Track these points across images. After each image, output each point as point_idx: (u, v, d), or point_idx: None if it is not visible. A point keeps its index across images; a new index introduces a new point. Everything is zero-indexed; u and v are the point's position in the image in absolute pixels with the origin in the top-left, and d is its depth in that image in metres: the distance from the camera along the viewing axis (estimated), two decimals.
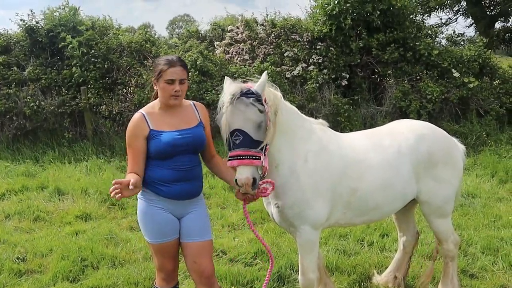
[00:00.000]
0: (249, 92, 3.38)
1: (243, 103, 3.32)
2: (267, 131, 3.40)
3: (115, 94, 11.14)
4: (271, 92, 3.58)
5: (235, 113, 3.32)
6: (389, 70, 11.93)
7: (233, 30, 12.98)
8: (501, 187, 8.10)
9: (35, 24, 11.53)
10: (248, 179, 3.28)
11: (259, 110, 3.34)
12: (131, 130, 3.60)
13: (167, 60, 3.57)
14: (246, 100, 3.33)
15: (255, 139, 3.31)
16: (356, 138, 4.17)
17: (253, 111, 3.32)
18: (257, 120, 3.33)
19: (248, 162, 3.29)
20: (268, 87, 3.60)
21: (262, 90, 3.42)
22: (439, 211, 4.27)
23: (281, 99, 3.69)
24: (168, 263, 3.76)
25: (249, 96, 3.35)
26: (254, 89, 3.40)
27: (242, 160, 3.29)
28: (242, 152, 3.29)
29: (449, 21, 27.67)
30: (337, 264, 5.34)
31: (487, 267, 5.26)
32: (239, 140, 3.29)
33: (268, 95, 3.51)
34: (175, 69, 3.53)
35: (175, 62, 3.56)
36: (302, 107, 10.65)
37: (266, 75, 3.49)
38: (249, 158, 3.29)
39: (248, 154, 3.29)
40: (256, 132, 3.32)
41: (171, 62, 3.55)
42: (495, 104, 11.86)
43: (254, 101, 3.34)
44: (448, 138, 4.36)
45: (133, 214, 7.03)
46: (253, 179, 3.30)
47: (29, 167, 9.47)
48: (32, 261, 5.63)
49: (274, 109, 3.56)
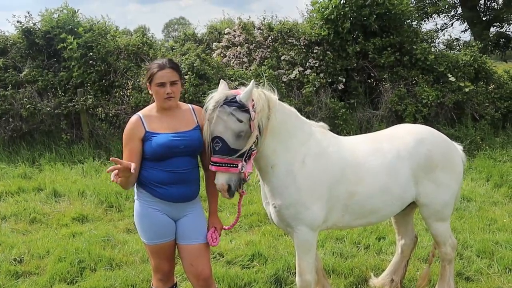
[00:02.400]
0: (233, 100, 3.43)
1: (225, 112, 3.39)
2: (249, 138, 3.46)
3: (112, 96, 11.17)
4: (261, 97, 3.59)
5: (216, 120, 3.39)
6: (385, 74, 12.00)
7: (230, 33, 13.02)
8: (496, 191, 8.14)
9: (32, 26, 11.54)
10: (223, 185, 3.44)
11: (239, 119, 3.40)
12: (127, 131, 3.64)
13: (157, 64, 3.62)
14: (228, 109, 3.39)
15: (233, 147, 3.39)
16: (356, 142, 4.20)
17: (232, 121, 3.39)
18: (237, 129, 3.39)
19: (224, 169, 3.42)
20: (263, 91, 3.63)
21: (246, 99, 3.44)
22: (438, 214, 4.29)
23: (276, 102, 3.71)
24: (164, 264, 3.77)
25: (231, 104, 3.41)
26: (239, 97, 3.44)
27: (219, 167, 3.42)
28: (220, 160, 3.40)
29: (445, 26, 27.80)
30: (333, 266, 5.36)
31: (482, 270, 5.28)
32: (218, 147, 3.40)
33: (257, 101, 3.53)
34: (164, 71, 3.56)
35: (165, 64, 3.60)
36: (298, 110, 10.42)
37: (253, 83, 3.50)
38: (226, 166, 3.41)
39: (225, 162, 3.40)
40: (235, 140, 3.40)
41: (161, 65, 3.59)
42: (490, 108, 11.94)
43: (235, 111, 3.39)
44: (448, 142, 4.39)
45: (130, 216, 7.03)
46: (229, 185, 3.44)
47: (26, 169, 9.46)
48: (29, 263, 5.63)
49: (266, 114, 3.59)
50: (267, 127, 3.60)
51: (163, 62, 3.62)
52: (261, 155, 3.68)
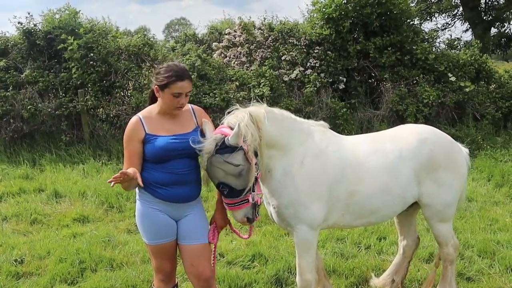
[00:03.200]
0: (223, 147, 3.44)
1: (219, 162, 3.45)
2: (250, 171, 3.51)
3: (113, 97, 11.16)
4: (249, 126, 3.55)
5: (214, 169, 3.48)
6: (386, 74, 11.99)
7: (231, 33, 13.02)
8: (497, 191, 8.13)
9: (33, 27, 11.53)
10: (242, 219, 3.62)
11: (235, 164, 3.44)
12: (128, 133, 3.64)
13: (175, 72, 3.53)
14: (220, 158, 3.43)
15: (240, 188, 3.50)
16: (358, 142, 4.19)
17: (229, 168, 3.45)
18: (235, 172, 3.45)
19: (237, 208, 3.58)
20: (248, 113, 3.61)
21: (236, 141, 3.44)
22: (440, 215, 4.28)
23: (264, 116, 3.67)
24: (165, 265, 3.77)
25: (223, 151, 3.44)
26: (228, 141, 3.43)
27: (233, 207, 3.58)
28: (231, 201, 3.56)
29: (446, 25, 27.79)
30: (334, 267, 5.36)
31: (483, 270, 5.28)
32: (226, 191, 3.53)
33: (246, 133, 3.51)
34: (183, 83, 3.53)
35: (184, 75, 3.54)
36: (299, 110, 10.69)
37: (238, 127, 3.44)
38: (238, 204, 3.56)
39: (236, 202, 3.55)
40: (238, 181, 3.48)
41: (181, 75, 3.52)
42: (491, 108, 11.94)
43: (228, 157, 3.43)
44: (451, 142, 4.38)
45: (130, 217, 7.03)
46: (247, 218, 3.61)
47: (27, 169, 9.46)
48: (30, 264, 5.63)
49: (256, 140, 3.58)
50: (261, 146, 3.63)
51: (181, 72, 3.55)
52: (259, 162, 3.68)
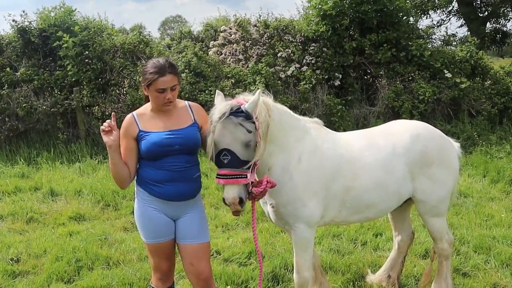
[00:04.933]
0: (239, 110, 3.35)
1: (232, 123, 3.30)
2: (256, 148, 3.40)
3: (108, 95, 11.14)
4: (263, 107, 3.53)
5: (224, 132, 3.30)
6: (381, 71, 12.00)
7: (226, 30, 13.00)
8: (493, 187, 8.16)
9: (27, 25, 11.50)
10: (234, 198, 3.31)
11: (248, 130, 3.33)
12: (121, 129, 3.63)
13: (156, 68, 3.47)
14: (235, 120, 3.31)
15: (243, 159, 3.31)
16: (352, 138, 4.18)
17: (242, 132, 3.31)
18: (245, 140, 3.32)
19: (234, 181, 3.30)
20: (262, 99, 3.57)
21: (253, 109, 3.39)
22: (434, 210, 4.29)
23: (273, 107, 3.66)
24: (163, 263, 3.76)
25: (238, 115, 3.33)
26: (245, 107, 3.37)
27: (228, 179, 3.30)
28: (229, 172, 3.29)
29: (441, 22, 27.80)
30: (331, 263, 5.37)
31: (479, 266, 5.29)
32: (227, 159, 3.29)
33: (260, 111, 3.47)
34: (165, 78, 3.45)
35: (165, 69, 3.46)
36: (295, 107, 10.69)
37: (260, 93, 3.43)
38: (236, 177, 3.30)
39: (235, 174, 3.30)
40: (244, 151, 3.32)
41: (161, 70, 3.46)
42: (486, 104, 11.97)
43: (243, 121, 3.32)
44: (444, 138, 4.38)
45: (127, 215, 7.04)
46: (240, 198, 3.32)
47: (23, 168, 9.44)
48: (26, 262, 5.62)
49: (266, 123, 3.54)
50: (266, 134, 3.57)
51: (162, 66, 3.47)
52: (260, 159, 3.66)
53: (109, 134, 3.50)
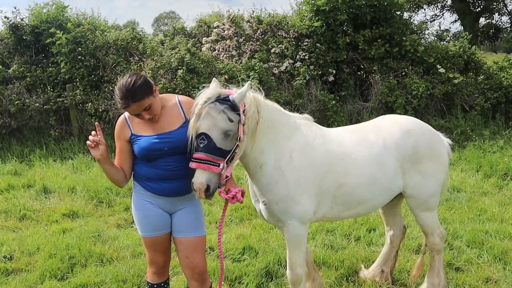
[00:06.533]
0: (226, 99, 3.36)
1: (215, 109, 3.30)
2: (239, 141, 3.39)
3: (101, 91, 11.09)
4: (253, 102, 3.52)
5: (206, 117, 3.30)
6: (375, 66, 12.03)
7: (219, 26, 12.98)
8: (486, 181, 8.20)
9: (19, 22, 11.44)
10: (201, 184, 3.28)
11: (230, 118, 3.32)
12: (116, 131, 3.67)
13: (121, 99, 3.41)
14: (219, 106, 3.30)
15: (219, 146, 3.29)
16: (342, 134, 4.18)
17: (223, 118, 3.30)
18: (225, 128, 3.30)
19: (205, 167, 3.27)
20: (253, 94, 3.57)
21: (240, 99, 3.38)
22: (424, 204, 4.31)
23: (263, 103, 3.65)
24: (159, 257, 3.77)
25: (223, 102, 3.33)
26: (232, 97, 3.37)
27: (200, 163, 3.28)
28: (203, 156, 3.27)
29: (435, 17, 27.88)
30: (324, 259, 5.38)
31: (472, 260, 5.32)
32: (203, 144, 3.28)
33: (249, 106, 3.46)
34: (131, 108, 3.42)
35: (128, 101, 3.39)
36: (289, 103, 10.70)
37: (249, 85, 3.44)
38: (208, 163, 3.27)
39: (208, 159, 3.27)
40: (222, 139, 3.31)
41: (125, 102, 3.40)
42: (479, 99, 12.01)
43: (227, 109, 3.32)
44: (434, 133, 4.40)
45: (120, 212, 7.03)
46: (207, 186, 3.29)
47: (16, 165, 9.40)
48: (20, 260, 5.60)
49: (256, 119, 3.54)
50: (255, 131, 3.56)
51: (125, 97, 3.38)
52: (249, 157, 3.64)
53: (95, 149, 3.48)
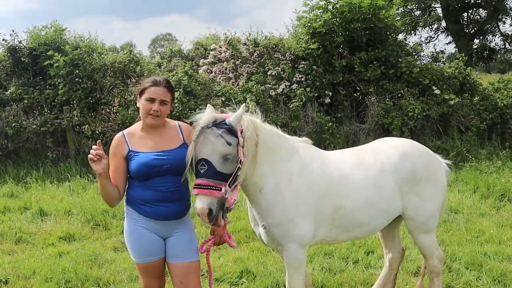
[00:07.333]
0: (223, 123, 3.39)
1: (213, 134, 3.33)
2: (240, 164, 3.39)
3: (98, 113, 11.11)
4: (250, 124, 3.54)
5: (204, 142, 3.32)
6: (370, 88, 12.10)
7: (216, 48, 13.07)
8: (483, 202, 8.19)
9: (17, 44, 11.51)
10: (203, 209, 3.28)
11: (228, 142, 3.34)
12: (111, 148, 3.65)
13: (153, 79, 3.62)
14: (217, 131, 3.33)
15: (219, 170, 3.31)
16: (340, 156, 4.20)
17: (221, 143, 3.31)
18: (224, 152, 3.32)
19: (207, 192, 3.28)
20: (250, 117, 3.60)
21: (236, 122, 3.41)
22: (423, 227, 4.30)
23: (260, 126, 3.67)
24: (153, 283, 3.73)
25: (220, 127, 3.36)
26: (229, 120, 3.40)
27: (201, 189, 3.29)
28: (204, 182, 3.29)
29: (430, 38, 28.15)
30: (323, 282, 5.34)
31: (471, 283, 5.29)
32: (204, 170, 3.30)
33: (246, 127, 3.49)
34: (157, 88, 3.56)
35: (160, 82, 3.60)
36: (285, 125, 10.73)
37: (244, 107, 3.46)
38: (210, 188, 3.28)
39: (209, 184, 3.28)
40: (221, 164, 3.32)
41: (156, 82, 3.60)
42: (475, 120, 12.07)
43: (224, 133, 3.34)
44: (431, 155, 4.42)
45: (117, 235, 6.98)
46: (209, 210, 3.29)
47: (11, 187, 9.36)
48: (15, 284, 5.54)
49: (255, 141, 3.56)
50: (255, 154, 3.58)
51: (159, 80, 3.63)
52: (250, 181, 3.64)
53: (97, 163, 3.45)
